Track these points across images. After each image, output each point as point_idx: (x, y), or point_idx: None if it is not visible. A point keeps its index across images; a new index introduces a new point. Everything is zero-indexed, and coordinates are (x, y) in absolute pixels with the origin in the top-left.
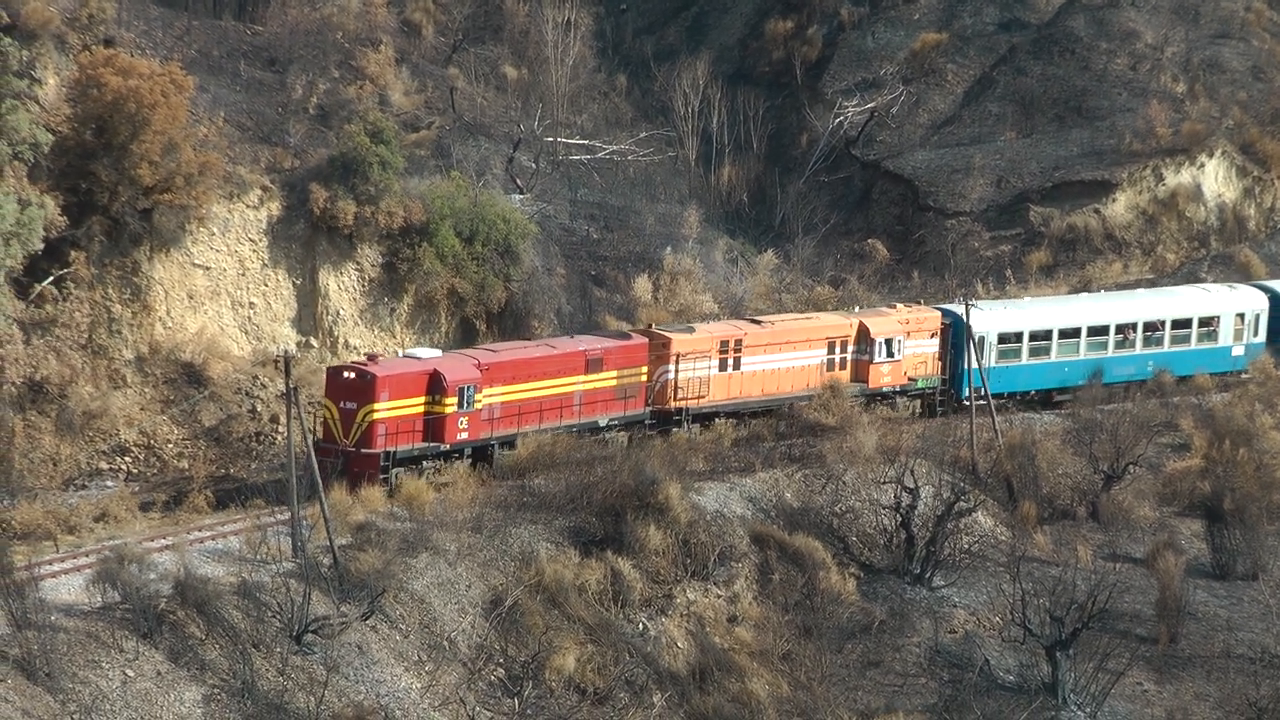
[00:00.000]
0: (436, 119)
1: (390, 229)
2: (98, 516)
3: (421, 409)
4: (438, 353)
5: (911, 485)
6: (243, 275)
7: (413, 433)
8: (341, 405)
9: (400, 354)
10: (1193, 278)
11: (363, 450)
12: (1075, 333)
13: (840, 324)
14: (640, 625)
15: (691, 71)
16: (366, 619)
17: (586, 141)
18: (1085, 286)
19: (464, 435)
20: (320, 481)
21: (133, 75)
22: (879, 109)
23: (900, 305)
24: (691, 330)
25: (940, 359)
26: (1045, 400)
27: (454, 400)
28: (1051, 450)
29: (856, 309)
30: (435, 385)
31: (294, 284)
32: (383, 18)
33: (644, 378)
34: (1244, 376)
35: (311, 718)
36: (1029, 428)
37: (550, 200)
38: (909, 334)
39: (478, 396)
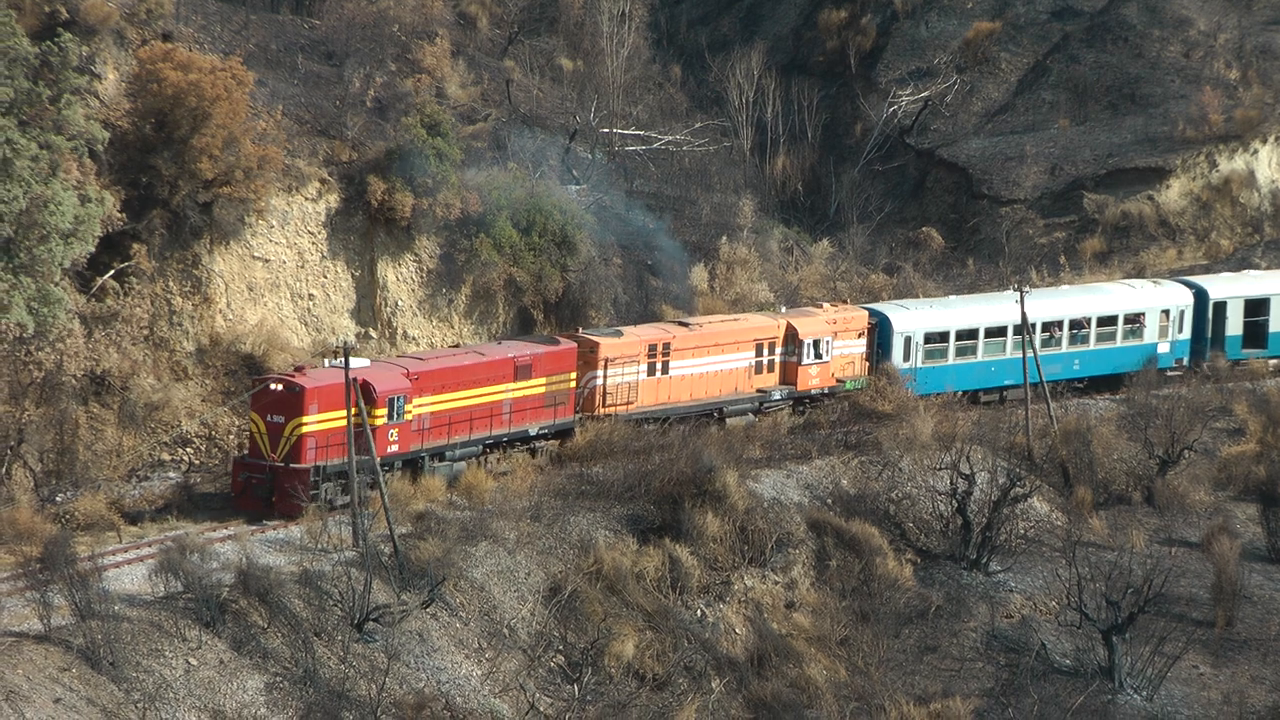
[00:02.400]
0: (493, 111)
1: (448, 220)
2: (160, 507)
3: None
4: (366, 362)
5: (967, 471)
6: (302, 267)
7: (342, 446)
8: (268, 419)
9: (327, 364)
10: (1246, 264)
11: (291, 465)
12: (1001, 331)
13: (768, 325)
14: (698, 612)
15: (746, 62)
16: (427, 607)
17: (642, 132)
18: (1140, 273)
19: (394, 448)
20: (380, 470)
21: (193, 70)
22: (933, 98)
23: (827, 305)
24: (619, 334)
25: (867, 359)
26: (973, 400)
27: (384, 411)
28: (1106, 436)
29: (783, 309)
30: (365, 396)
31: (353, 275)
32: (439, 11)
33: (573, 384)
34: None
35: (373, 705)
36: (1084, 414)
37: (606, 191)
38: (836, 334)
39: (408, 407)
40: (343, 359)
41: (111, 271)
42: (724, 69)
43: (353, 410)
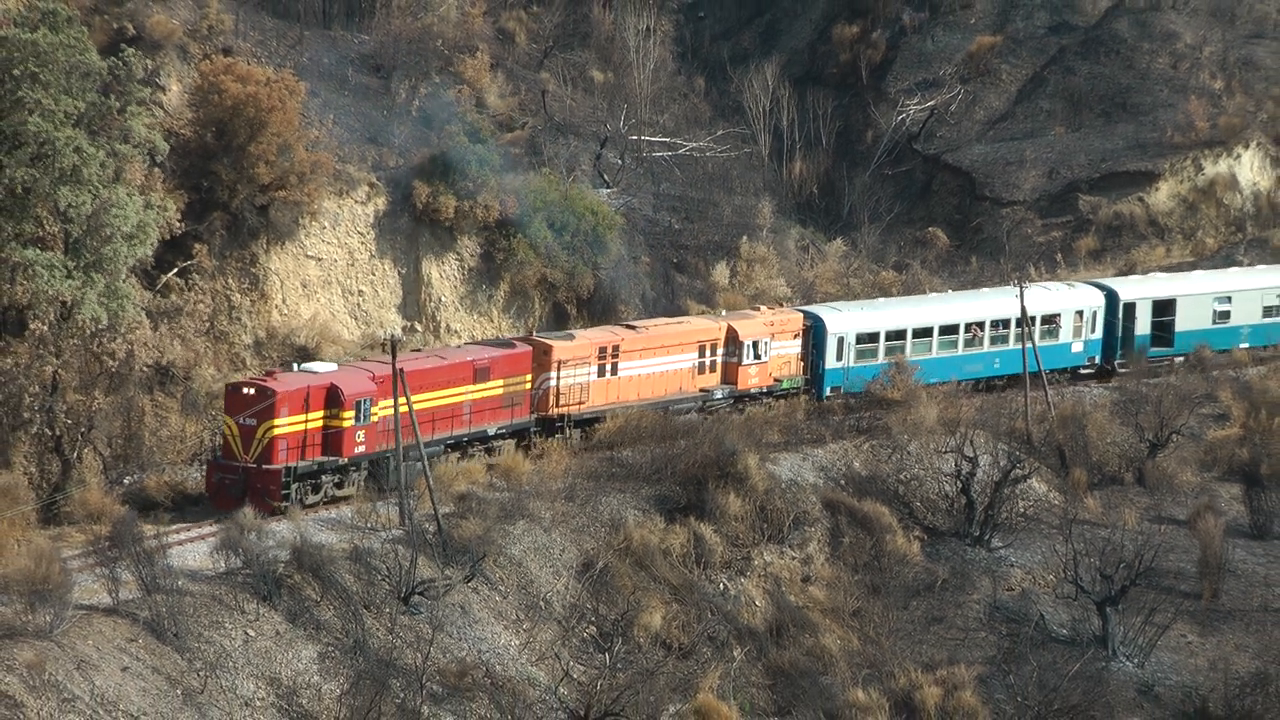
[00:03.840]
0: (529, 119)
1: (487, 221)
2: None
3: (320, 423)
4: (334, 366)
5: (971, 454)
6: (352, 265)
7: (312, 447)
8: (241, 421)
9: (297, 368)
10: (1230, 261)
11: (263, 466)
12: (928, 332)
13: (710, 328)
14: (721, 585)
15: (764, 74)
16: (468, 581)
17: (668, 139)
18: (1130, 270)
19: (361, 448)
20: (424, 454)
21: (250, 82)
22: (939, 107)
23: (764, 308)
24: (572, 338)
25: (803, 359)
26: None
27: (351, 414)
28: (1100, 421)
29: (723, 312)
30: (333, 399)
31: (399, 273)
32: (479, 26)
33: (528, 386)
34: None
35: (419, 673)
36: (1079, 400)
37: (635, 194)
38: (774, 336)
39: (374, 409)
40: (326, 361)
41: (175, 269)
42: (744, 80)
43: (399, 399)
